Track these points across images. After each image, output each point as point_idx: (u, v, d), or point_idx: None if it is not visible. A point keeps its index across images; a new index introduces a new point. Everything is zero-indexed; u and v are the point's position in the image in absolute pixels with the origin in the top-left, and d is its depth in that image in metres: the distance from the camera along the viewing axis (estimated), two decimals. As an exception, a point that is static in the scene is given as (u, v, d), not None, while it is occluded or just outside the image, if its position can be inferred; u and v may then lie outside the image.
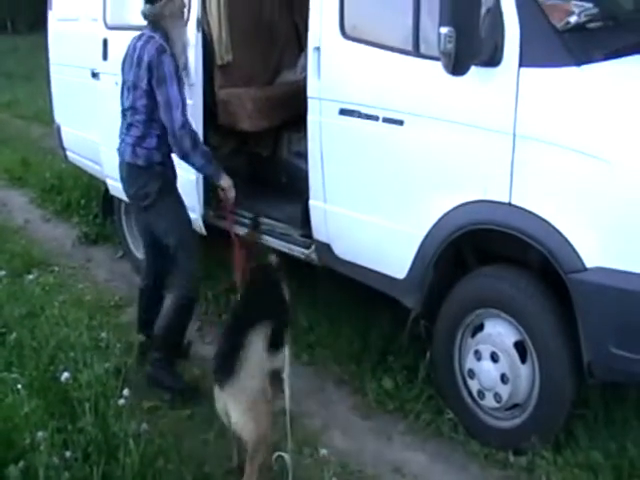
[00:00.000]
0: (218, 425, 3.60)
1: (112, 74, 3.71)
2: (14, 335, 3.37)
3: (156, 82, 3.78)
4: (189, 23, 4.25)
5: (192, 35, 4.26)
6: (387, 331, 4.24)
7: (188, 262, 3.99)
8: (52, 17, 6.72)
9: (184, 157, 3.86)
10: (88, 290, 5.13)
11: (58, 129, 6.74)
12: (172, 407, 3.75)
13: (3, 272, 4.59)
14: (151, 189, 3.94)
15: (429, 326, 3.72)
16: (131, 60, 3.90)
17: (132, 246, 5.68)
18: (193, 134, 3.85)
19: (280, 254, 4.05)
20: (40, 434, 2.65)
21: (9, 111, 13.65)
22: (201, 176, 4.32)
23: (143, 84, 3.82)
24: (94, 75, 5.62)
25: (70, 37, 6.40)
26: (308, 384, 3.92)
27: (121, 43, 4.22)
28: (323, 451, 3.19)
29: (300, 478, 3.07)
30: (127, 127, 3.98)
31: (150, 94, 3.82)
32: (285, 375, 2.65)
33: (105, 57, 5.24)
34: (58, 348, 3.25)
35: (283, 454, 2.65)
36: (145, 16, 3.93)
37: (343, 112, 3.77)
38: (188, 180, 4.32)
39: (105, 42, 5.27)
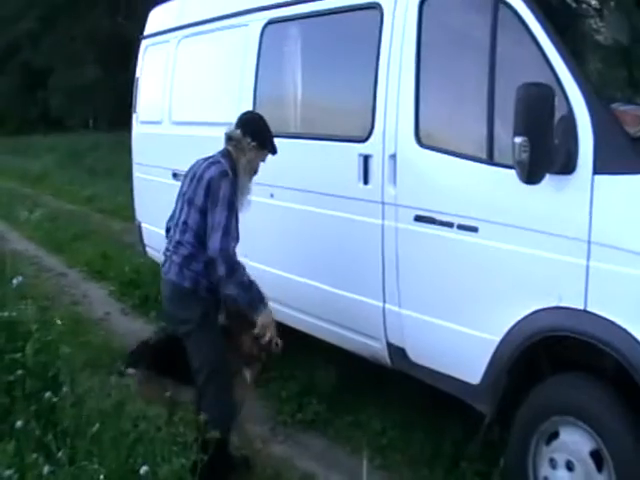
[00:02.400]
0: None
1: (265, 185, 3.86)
2: (96, 427, 3.54)
3: (211, 203, 3.84)
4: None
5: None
6: (460, 436, 4.26)
7: (217, 395, 3.90)
8: (136, 119, 7.20)
9: (219, 281, 3.87)
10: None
11: (139, 225, 7.11)
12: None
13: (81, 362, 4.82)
14: (194, 315, 3.92)
15: (503, 432, 3.72)
16: (193, 175, 4.00)
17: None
18: (231, 262, 3.81)
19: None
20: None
21: (90, 205, 14.33)
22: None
23: (199, 201, 3.88)
24: (174, 176, 5.97)
25: (152, 139, 6.84)
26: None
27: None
28: None
29: None
30: (175, 245, 4.01)
31: (203, 213, 3.87)
32: None
33: None
34: (138, 441, 3.39)
35: None
36: (227, 138, 4.10)
37: (418, 218, 3.90)
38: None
39: None
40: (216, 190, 3.84)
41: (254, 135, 4.04)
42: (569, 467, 3.31)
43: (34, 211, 13.46)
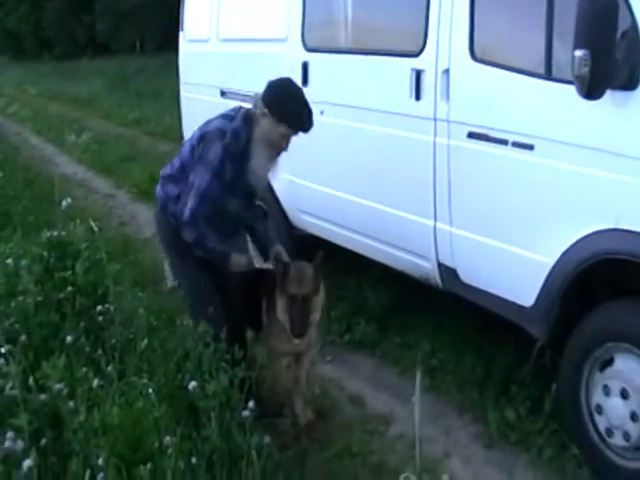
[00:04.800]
0: (341, 443, 3.79)
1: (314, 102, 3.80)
2: (145, 342, 3.63)
3: (198, 157, 3.66)
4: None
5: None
6: (511, 360, 4.27)
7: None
8: (183, 38, 7.14)
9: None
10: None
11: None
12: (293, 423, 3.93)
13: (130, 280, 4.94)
14: (164, 237, 3.95)
15: (555, 357, 3.73)
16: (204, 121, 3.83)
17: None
18: (199, 232, 3.65)
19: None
20: (168, 439, 2.86)
21: (138, 128, 14.45)
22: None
23: (193, 141, 3.74)
24: (222, 94, 5.95)
25: (200, 57, 6.80)
26: (429, 409, 3.98)
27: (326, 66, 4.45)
28: (445, 477, 3.27)
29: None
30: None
31: (192, 153, 3.72)
32: (415, 399, 2.73)
33: (305, 82, 5.04)
34: (186, 357, 3.49)
35: (410, 475, 2.74)
36: (254, 102, 3.73)
37: (472, 135, 3.83)
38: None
39: (305, 66, 5.14)
40: (206, 148, 3.63)
41: (271, 104, 3.61)
42: (623, 395, 3.29)
43: (82, 134, 13.64)
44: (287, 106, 3.64)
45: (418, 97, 4.16)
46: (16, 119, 17.15)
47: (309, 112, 3.66)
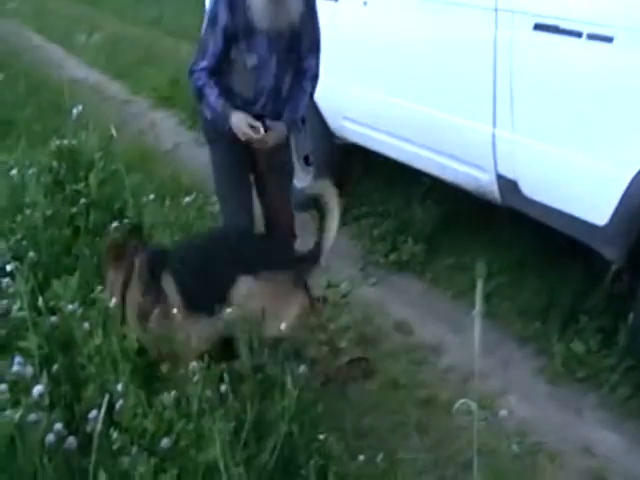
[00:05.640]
0: (385, 374, 3.79)
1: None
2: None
3: None
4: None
5: None
6: (580, 286, 4.18)
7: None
8: None
9: None
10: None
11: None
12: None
13: (152, 196, 4.90)
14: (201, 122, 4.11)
15: (632, 283, 3.63)
16: None
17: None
18: (196, 86, 3.81)
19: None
20: (194, 364, 2.86)
21: (156, 28, 14.24)
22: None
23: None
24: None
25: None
26: (485, 338, 3.90)
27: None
28: (503, 412, 3.22)
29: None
30: None
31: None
32: (476, 312, 2.64)
33: None
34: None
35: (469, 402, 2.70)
36: None
37: (539, 27, 3.69)
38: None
39: None
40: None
41: None
42: None
43: (93, 34, 13.51)
44: None
45: (477, -18, 4.02)
46: (17, 17, 17.02)
47: None
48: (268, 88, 3.84)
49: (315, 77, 3.96)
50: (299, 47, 3.85)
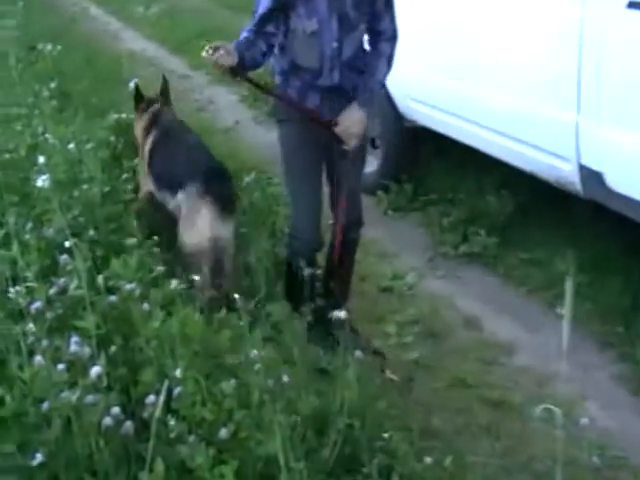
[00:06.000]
0: (453, 372, 3.77)
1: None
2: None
3: None
4: None
5: None
6: (668, 288, 4.11)
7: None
8: None
9: None
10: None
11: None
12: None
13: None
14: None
15: None
16: None
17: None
18: (247, 38, 3.64)
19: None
20: (255, 352, 2.85)
21: (215, 0, 14.30)
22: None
23: None
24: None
25: None
26: (563, 340, 3.88)
27: None
28: (584, 420, 3.17)
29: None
30: None
31: None
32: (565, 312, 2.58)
33: None
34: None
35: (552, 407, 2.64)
36: None
37: (632, 5, 3.60)
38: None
39: None
40: None
41: None
42: None
43: (151, 6, 13.62)
44: None
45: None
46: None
47: None
48: (330, 54, 3.63)
49: (393, 38, 3.75)
50: (372, 7, 3.66)
